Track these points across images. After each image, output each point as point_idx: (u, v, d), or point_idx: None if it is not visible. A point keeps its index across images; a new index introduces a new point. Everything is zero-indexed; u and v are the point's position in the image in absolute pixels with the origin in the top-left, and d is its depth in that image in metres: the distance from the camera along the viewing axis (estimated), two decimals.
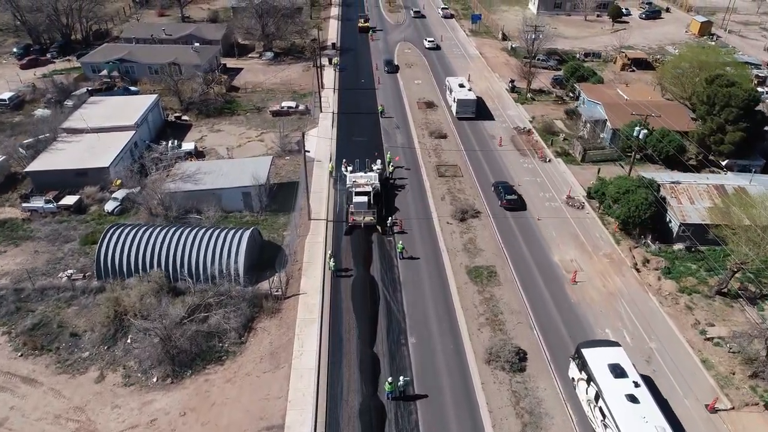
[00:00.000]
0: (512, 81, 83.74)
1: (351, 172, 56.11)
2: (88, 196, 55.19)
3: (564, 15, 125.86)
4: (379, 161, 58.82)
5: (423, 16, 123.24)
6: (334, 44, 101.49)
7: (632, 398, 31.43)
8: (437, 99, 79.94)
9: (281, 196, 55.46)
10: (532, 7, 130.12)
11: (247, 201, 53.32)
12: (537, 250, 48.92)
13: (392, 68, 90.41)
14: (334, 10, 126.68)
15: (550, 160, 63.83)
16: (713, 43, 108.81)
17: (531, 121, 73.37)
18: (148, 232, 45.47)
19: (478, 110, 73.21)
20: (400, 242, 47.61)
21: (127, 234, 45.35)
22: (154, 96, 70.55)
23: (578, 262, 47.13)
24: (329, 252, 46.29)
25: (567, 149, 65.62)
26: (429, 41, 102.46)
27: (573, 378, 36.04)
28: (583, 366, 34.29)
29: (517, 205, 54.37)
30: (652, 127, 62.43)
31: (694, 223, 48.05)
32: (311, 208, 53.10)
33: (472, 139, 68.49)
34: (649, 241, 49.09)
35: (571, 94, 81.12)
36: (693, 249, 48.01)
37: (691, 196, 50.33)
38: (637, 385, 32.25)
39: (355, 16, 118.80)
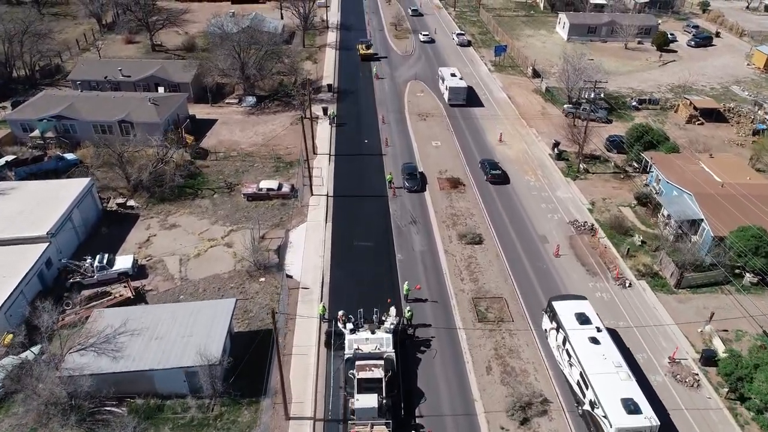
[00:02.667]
0: (557, 144, 65.36)
1: (352, 330, 37.40)
2: None
3: (599, 42, 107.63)
4: (393, 309, 39.70)
5: (421, 15, 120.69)
6: (330, 85, 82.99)
7: (594, 340, 35.04)
8: (463, 171, 61.52)
9: (248, 360, 37.28)
10: (561, 32, 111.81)
11: (193, 382, 35.07)
12: None
13: (415, 183, 57.57)
14: (332, 36, 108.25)
15: (630, 285, 45.42)
16: None
17: (591, 210, 55.06)
18: None
19: (468, 97, 77.21)
20: None
21: None
22: (86, 181, 51.98)
23: None
24: None
25: (652, 266, 47.20)
26: (424, 35, 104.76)
27: (545, 329, 39.45)
28: (553, 316, 37.93)
29: (501, 179, 58.83)
30: None
31: None
32: (291, 394, 34.90)
33: (517, 245, 50.07)
34: None
35: (635, 164, 62.80)
36: None
37: None
38: (599, 330, 35.91)
39: (356, 42, 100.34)
